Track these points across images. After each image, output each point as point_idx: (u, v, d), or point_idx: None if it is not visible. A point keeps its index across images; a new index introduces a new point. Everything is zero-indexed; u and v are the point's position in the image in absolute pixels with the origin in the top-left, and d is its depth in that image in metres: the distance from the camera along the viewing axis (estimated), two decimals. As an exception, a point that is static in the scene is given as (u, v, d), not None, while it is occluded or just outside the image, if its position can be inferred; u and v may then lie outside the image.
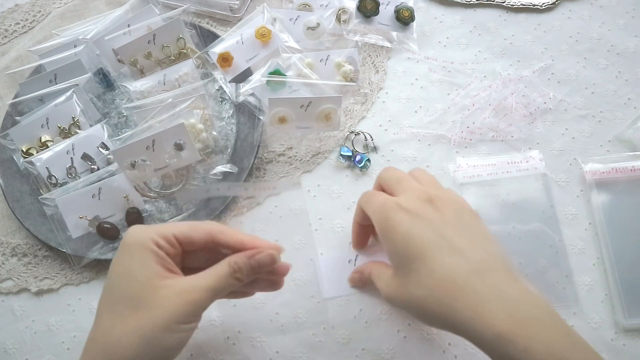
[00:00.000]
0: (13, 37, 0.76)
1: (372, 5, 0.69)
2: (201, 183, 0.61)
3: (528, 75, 0.67)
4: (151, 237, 0.41)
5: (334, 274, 0.55)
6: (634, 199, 0.57)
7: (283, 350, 0.53)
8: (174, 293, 0.40)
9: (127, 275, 0.40)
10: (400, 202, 0.43)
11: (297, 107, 0.61)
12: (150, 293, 0.39)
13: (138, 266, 0.40)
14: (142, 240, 0.41)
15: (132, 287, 0.40)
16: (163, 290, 0.40)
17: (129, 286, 0.40)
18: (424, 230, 0.41)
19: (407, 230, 0.42)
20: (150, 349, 0.38)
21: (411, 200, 0.44)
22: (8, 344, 0.55)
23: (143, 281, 0.40)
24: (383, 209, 0.44)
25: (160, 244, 0.41)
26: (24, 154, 0.62)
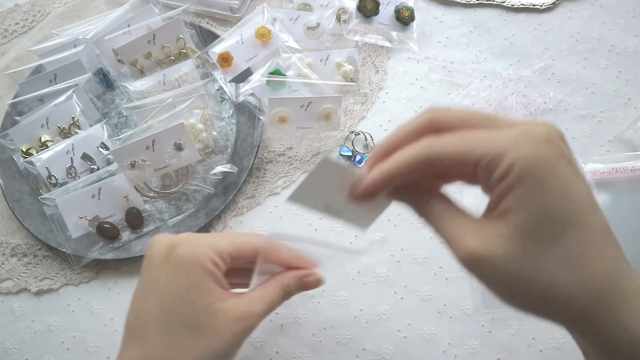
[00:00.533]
0: (13, 37, 0.76)
1: (372, 5, 0.68)
2: (201, 183, 0.61)
3: (528, 75, 0.67)
4: (208, 255, 0.38)
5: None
6: (634, 199, 0.57)
7: (283, 350, 0.53)
8: (234, 320, 0.38)
9: (184, 299, 0.37)
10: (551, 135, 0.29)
11: (297, 107, 0.61)
12: (209, 320, 0.37)
13: (198, 290, 0.37)
14: (200, 259, 0.38)
15: (191, 312, 0.37)
16: (223, 316, 0.37)
17: (187, 312, 0.37)
18: (582, 187, 0.29)
19: (569, 183, 0.29)
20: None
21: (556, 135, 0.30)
22: (8, 344, 0.55)
23: (202, 307, 0.37)
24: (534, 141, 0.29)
25: (217, 263, 0.39)
26: (23, 154, 0.62)
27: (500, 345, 0.52)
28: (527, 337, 0.52)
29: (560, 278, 0.28)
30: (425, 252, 0.56)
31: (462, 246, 0.30)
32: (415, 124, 0.32)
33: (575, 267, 0.28)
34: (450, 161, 0.30)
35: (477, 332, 0.52)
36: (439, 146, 0.30)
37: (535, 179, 0.28)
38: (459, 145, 0.30)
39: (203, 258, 0.38)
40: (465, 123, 0.31)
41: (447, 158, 0.30)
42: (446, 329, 0.53)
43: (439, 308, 0.54)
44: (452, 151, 0.30)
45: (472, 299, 0.54)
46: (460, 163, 0.30)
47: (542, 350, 0.51)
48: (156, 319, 0.37)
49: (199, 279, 0.37)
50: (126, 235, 0.59)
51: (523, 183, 0.28)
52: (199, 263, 0.38)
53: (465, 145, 0.29)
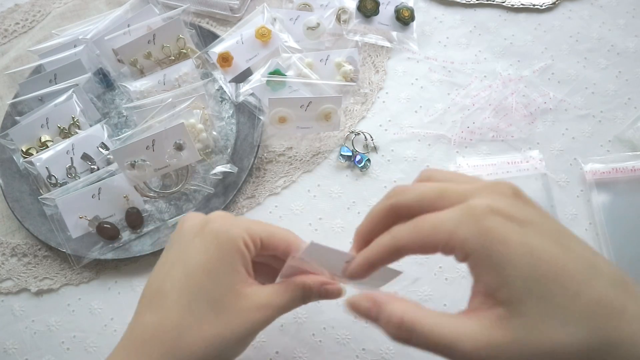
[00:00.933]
0: (13, 37, 0.76)
1: (372, 5, 0.68)
2: (201, 183, 0.61)
3: (528, 75, 0.67)
4: (242, 235, 0.38)
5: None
6: (634, 199, 0.57)
7: (283, 350, 0.53)
8: (255, 307, 0.37)
9: (213, 275, 0.37)
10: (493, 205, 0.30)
11: (297, 107, 0.61)
12: (233, 301, 0.37)
13: (226, 268, 0.37)
14: (234, 238, 0.37)
15: (216, 289, 0.36)
16: (245, 300, 0.37)
17: (213, 287, 0.36)
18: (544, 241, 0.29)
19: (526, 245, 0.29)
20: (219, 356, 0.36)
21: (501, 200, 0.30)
22: (8, 344, 0.55)
23: (229, 286, 0.37)
24: (473, 218, 0.30)
25: (249, 245, 0.38)
26: (23, 154, 0.62)
27: (500, 345, 0.51)
28: (527, 337, 0.52)
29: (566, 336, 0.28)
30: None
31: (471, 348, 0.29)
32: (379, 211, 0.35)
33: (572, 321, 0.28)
34: (414, 249, 0.32)
35: (477, 332, 0.52)
36: (402, 238, 0.32)
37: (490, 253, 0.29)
38: (416, 235, 0.32)
39: (236, 236, 0.37)
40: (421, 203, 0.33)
41: (410, 248, 0.32)
42: (446, 329, 0.53)
43: (439, 308, 0.54)
44: (412, 241, 0.32)
45: (472, 299, 0.54)
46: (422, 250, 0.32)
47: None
48: (179, 287, 0.37)
49: (228, 256, 0.37)
50: (126, 235, 0.59)
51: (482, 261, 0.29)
52: (231, 240, 0.37)
53: (421, 233, 0.31)
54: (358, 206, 0.60)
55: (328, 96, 0.61)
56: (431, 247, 0.31)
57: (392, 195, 0.35)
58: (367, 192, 0.61)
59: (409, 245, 0.32)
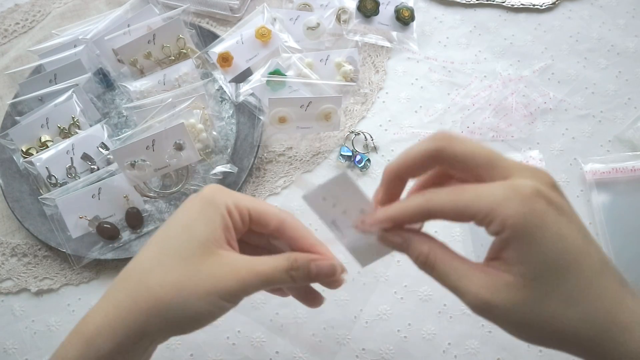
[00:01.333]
0: (13, 37, 0.76)
1: (372, 5, 0.68)
2: (201, 183, 0.61)
3: (528, 75, 0.67)
4: (226, 202, 0.38)
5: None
6: (634, 199, 0.57)
7: (283, 350, 0.53)
8: (227, 265, 0.37)
9: (188, 230, 0.38)
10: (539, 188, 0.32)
11: (297, 107, 0.61)
12: (203, 256, 0.37)
13: (202, 225, 0.38)
14: (217, 202, 0.38)
15: (189, 243, 0.37)
16: (217, 257, 0.37)
17: (186, 241, 0.37)
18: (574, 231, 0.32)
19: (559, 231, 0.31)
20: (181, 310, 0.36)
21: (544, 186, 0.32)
22: (8, 344, 0.55)
23: (202, 241, 0.37)
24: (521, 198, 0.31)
25: (232, 213, 0.39)
26: (23, 154, 0.62)
27: (500, 345, 0.52)
28: (527, 337, 0.52)
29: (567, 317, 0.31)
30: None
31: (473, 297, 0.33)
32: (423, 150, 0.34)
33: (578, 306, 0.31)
34: (448, 215, 0.33)
35: (477, 332, 0.52)
36: (438, 201, 0.33)
37: (528, 233, 0.31)
38: (454, 201, 0.33)
39: (220, 202, 0.38)
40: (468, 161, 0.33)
41: (444, 212, 0.33)
42: (446, 329, 0.53)
43: (439, 308, 0.54)
44: (449, 206, 0.33)
45: (472, 299, 0.54)
46: (456, 217, 0.33)
47: (542, 350, 0.51)
48: (155, 238, 0.39)
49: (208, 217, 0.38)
50: (126, 235, 0.59)
51: (517, 238, 0.31)
52: (214, 204, 0.38)
53: (460, 201, 0.32)
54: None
55: (328, 96, 0.61)
56: (468, 216, 0.32)
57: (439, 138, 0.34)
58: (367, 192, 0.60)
59: (444, 209, 0.33)
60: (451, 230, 0.57)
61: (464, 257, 0.34)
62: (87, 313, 0.38)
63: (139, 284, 0.37)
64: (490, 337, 0.52)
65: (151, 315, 0.36)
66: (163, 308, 0.36)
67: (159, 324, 0.36)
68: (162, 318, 0.36)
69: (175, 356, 0.53)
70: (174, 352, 0.53)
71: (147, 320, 0.36)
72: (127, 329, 0.36)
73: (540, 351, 0.51)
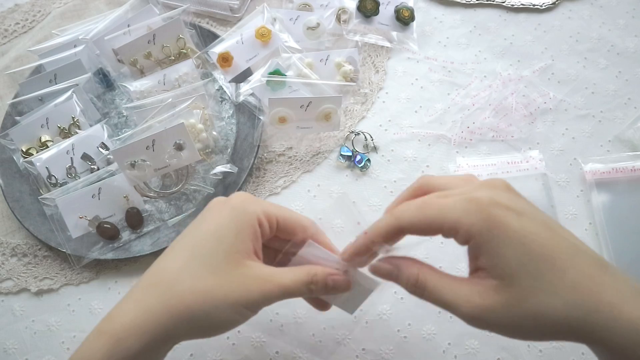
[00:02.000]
0: (13, 37, 0.76)
1: (372, 5, 0.68)
2: (201, 183, 0.61)
3: (528, 75, 0.67)
4: (257, 213, 0.40)
5: None
6: (634, 199, 0.57)
7: (283, 350, 0.53)
8: (253, 276, 0.39)
9: (218, 239, 0.39)
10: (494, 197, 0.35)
11: (297, 107, 0.61)
12: (232, 266, 0.38)
13: (233, 235, 0.39)
14: (248, 212, 0.40)
15: (218, 252, 0.39)
16: (244, 268, 0.39)
17: (216, 250, 0.39)
18: (537, 227, 0.34)
19: (522, 230, 0.34)
20: (207, 318, 0.38)
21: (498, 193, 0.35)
22: (8, 344, 0.55)
23: (231, 252, 0.39)
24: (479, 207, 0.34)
25: (263, 223, 0.41)
26: (24, 154, 0.62)
27: (500, 345, 0.52)
28: (527, 337, 0.52)
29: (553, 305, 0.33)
30: (425, 252, 0.56)
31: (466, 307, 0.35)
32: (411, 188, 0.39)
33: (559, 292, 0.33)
34: (417, 230, 0.36)
35: (477, 332, 0.52)
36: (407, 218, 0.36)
37: (493, 238, 0.34)
38: (421, 218, 0.36)
39: (251, 212, 0.40)
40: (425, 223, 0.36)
41: (413, 227, 0.36)
42: (446, 329, 0.53)
43: (439, 308, 0.54)
44: (417, 222, 0.36)
45: (472, 299, 0.54)
46: (425, 231, 0.36)
47: (542, 350, 0.51)
48: (184, 244, 0.40)
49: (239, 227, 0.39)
50: (126, 235, 0.59)
51: (485, 244, 0.34)
52: (246, 214, 0.40)
53: (426, 217, 0.35)
54: (358, 206, 0.60)
55: (328, 96, 0.61)
56: (435, 229, 0.35)
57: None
58: (367, 192, 0.61)
59: (412, 224, 0.36)
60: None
61: (450, 275, 0.37)
62: (110, 313, 0.39)
63: (169, 289, 0.38)
64: (490, 337, 0.52)
65: (180, 320, 0.37)
66: (192, 314, 0.37)
67: (186, 329, 0.38)
68: (190, 323, 0.38)
69: (175, 356, 0.53)
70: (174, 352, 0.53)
71: (175, 325, 0.37)
72: (156, 332, 0.37)
73: (540, 351, 0.51)
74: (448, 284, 0.36)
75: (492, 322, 0.35)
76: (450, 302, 0.36)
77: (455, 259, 0.56)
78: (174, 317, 0.37)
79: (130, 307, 0.38)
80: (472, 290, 0.35)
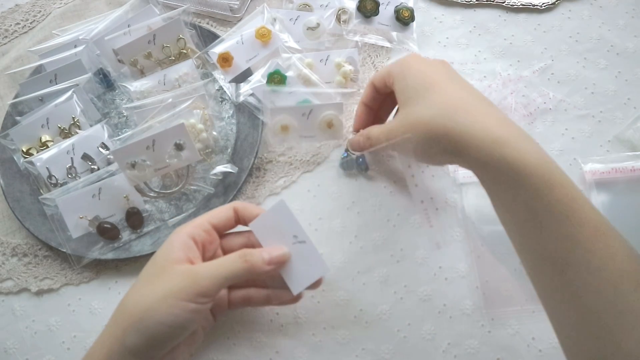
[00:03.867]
0: (13, 37, 0.76)
1: (372, 6, 0.69)
2: (201, 183, 0.62)
3: (528, 75, 0.67)
4: (186, 229, 0.47)
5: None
6: (634, 199, 0.57)
7: (283, 350, 0.53)
8: (180, 272, 0.44)
9: (153, 258, 0.46)
10: (415, 55, 0.53)
11: (298, 115, 0.60)
12: (161, 272, 0.44)
13: (161, 253, 0.46)
14: (178, 231, 0.47)
15: (152, 267, 0.46)
16: (173, 270, 0.44)
17: (151, 266, 0.46)
18: (435, 70, 0.49)
19: (422, 68, 0.49)
20: (147, 319, 0.42)
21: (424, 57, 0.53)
22: (8, 344, 0.55)
23: (159, 262, 0.45)
24: (402, 59, 0.52)
25: (192, 233, 0.46)
26: (24, 154, 0.62)
27: (500, 345, 0.52)
28: (527, 337, 0.52)
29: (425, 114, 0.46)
30: (425, 252, 0.56)
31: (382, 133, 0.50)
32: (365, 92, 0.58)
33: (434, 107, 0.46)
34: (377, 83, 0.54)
35: (476, 332, 0.52)
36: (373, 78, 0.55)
37: (400, 72, 0.50)
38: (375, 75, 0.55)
39: (181, 231, 0.47)
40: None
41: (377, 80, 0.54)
42: (446, 329, 0.53)
43: (439, 308, 0.54)
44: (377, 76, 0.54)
45: (472, 299, 0.54)
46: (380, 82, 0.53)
47: (541, 350, 0.51)
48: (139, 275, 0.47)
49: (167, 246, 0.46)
50: (126, 235, 0.59)
51: (396, 78, 0.50)
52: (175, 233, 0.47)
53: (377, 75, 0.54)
54: (358, 206, 0.60)
55: (328, 103, 0.60)
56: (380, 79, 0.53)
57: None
58: (367, 192, 0.61)
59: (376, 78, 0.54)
60: (451, 231, 0.57)
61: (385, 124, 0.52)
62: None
63: (120, 307, 0.45)
64: (490, 337, 0.52)
65: (127, 329, 0.42)
66: (135, 321, 0.42)
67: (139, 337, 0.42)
68: (140, 331, 0.42)
69: (176, 356, 0.53)
70: (174, 352, 0.53)
71: (124, 334, 0.42)
72: (112, 345, 0.43)
73: (540, 351, 0.51)
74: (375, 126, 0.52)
75: (394, 133, 0.48)
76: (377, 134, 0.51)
77: (455, 259, 0.56)
78: (122, 328, 0.43)
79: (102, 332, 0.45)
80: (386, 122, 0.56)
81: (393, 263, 0.56)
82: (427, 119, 0.45)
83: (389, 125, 0.50)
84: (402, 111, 0.48)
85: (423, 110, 0.46)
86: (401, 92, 0.49)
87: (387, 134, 0.49)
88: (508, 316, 0.53)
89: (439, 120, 0.45)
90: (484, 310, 0.53)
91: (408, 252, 0.57)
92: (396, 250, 0.57)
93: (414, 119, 0.46)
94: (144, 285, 0.45)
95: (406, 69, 0.49)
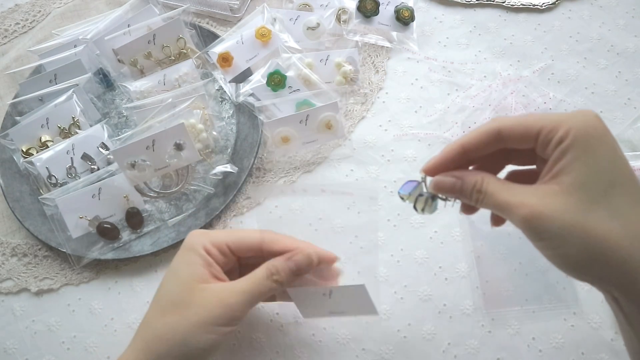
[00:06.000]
0: (13, 37, 0.76)
1: (372, 5, 0.69)
2: (201, 183, 0.61)
3: (528, 75, 0.67)
4: (203, 243, 0.44)
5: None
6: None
7: (283, 350, 0.53)
8: (211, 295, 0.42)
9: (174, 276, 0.44)
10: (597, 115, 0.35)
11: (296, 124, 0.60)
12: (190, 294, 0.42)
13: (184, 268, 0.44)
14: (194, 245, 0.44)
15: (175, 286, 0.43)
16: (202, 292, 0.42)
17: (173, 285, 0.44)
18: (624, 158, 0.35)
19: (615, 148, 0.34)
20: (184, 345, 0.41)
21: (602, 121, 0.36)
22: (8, 344, 0.55)
23: (185, 282, 0.43)
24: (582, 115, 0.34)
25: (210, 251, 0.44)
26: (24, 154, 0.62)
27: (500, 345, 0.52)
28: (527, 337, 0.52)
29: (610, 228, 0.32)
30: (425, 252, 0.56)
31: (522, 208, 0.34)
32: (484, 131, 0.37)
33: (622, 218, 0.32)
34: (516, 133, 0.36)
35: (477, 332, 0.52)
36: (507, 122, 0.36)
37: (587, 143, 0.33)
38: (522, 121, 0.36)
39: (197, 244, 0.44)
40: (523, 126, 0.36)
41: (513, 130, 0.36)
42: (446, 329, 0.53)
43: (439, 308, 0.54)
44: (517, 125, 0.36)
45: (472, 299, 0.54)
46: (524, 134, 0.35)
47: (541, 350, 0.51)
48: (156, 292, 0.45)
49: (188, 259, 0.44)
50: (126, 235, 0.59)
51: (576, 146, 0.33)
52: (192, 247, 0.44)
53: (528, 120, 0.35)
54: (358, 206, 0.60)
55: (324, 105, 0.60)
56: (534, 133, 0.35)
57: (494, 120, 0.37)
58: (367, 192, 0.61)
59: (512, 128, 0.36)
60: (451, 231, 0.57)
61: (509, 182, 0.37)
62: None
63: (148, 331, 0.43)
64: (490, 337, 0.52)
65: (161, 355, 0.41)
66: (169, 347, 0.41)
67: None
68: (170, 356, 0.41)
69: (175, 356, 0.53)
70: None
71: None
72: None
73: (540, 351, 0.51)
74: (508, 187, 0.36)
75: (541, 227, 0.33)
76: (504, 202, 0.35)
77: (455, 259, 0.56)
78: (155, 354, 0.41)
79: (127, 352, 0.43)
80: (530, 193, 0.34)
81: (393, 263, 0.56)
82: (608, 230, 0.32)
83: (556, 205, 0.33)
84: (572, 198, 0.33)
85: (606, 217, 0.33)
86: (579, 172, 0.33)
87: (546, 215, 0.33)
88: (508, 316, 0.53)
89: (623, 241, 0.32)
90: (484, 310, 0.53)
91: (408, 252, 0.57)
92: (396, 250, 0.57)
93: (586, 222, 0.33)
94: (174, 308, 0.42)
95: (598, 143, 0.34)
